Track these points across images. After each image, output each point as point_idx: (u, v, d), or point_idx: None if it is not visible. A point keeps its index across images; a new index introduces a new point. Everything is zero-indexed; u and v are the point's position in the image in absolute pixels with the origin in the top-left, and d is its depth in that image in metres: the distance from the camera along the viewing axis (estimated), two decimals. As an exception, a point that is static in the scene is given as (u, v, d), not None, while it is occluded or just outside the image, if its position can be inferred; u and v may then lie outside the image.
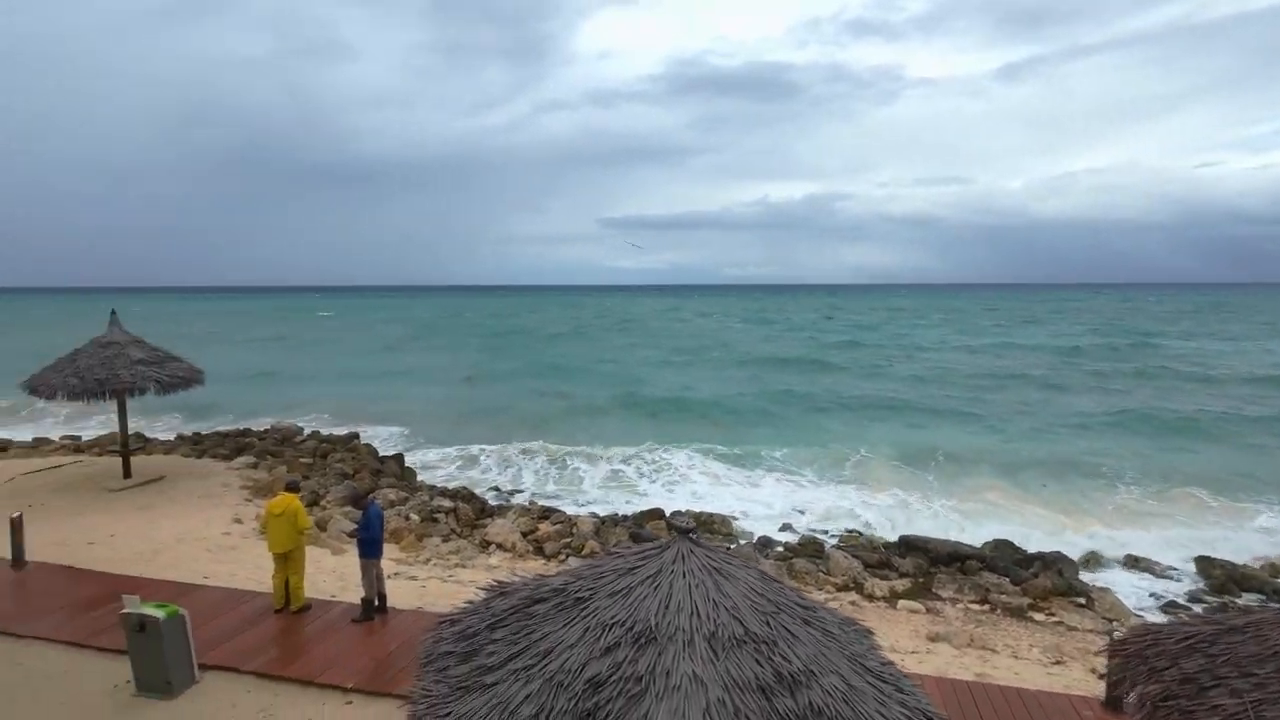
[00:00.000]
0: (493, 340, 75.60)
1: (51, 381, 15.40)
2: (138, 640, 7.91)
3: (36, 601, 10.32)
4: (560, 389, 40.71)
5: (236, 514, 15.40)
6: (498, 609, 4.25)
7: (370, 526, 9.84)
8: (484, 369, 50.26)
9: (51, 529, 13.40)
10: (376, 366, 51.76)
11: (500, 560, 15.08)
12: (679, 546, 4.09)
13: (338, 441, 23.64)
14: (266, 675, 8.40)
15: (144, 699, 7.95)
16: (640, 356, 58.17)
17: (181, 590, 10.52)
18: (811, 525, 18.36)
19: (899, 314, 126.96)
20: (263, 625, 9.64)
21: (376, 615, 9.89)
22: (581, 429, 29.64)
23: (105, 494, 16.09)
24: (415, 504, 17.61)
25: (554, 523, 17.05)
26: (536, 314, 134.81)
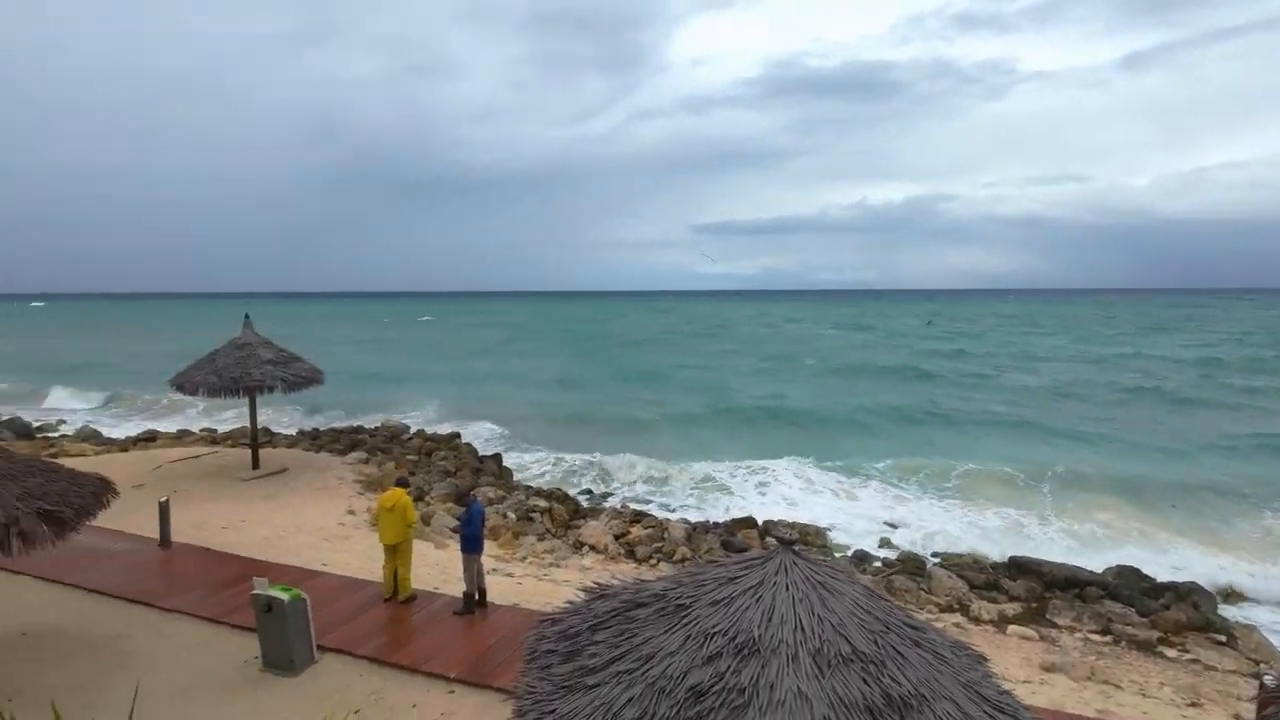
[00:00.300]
0: (585, 345, 76.97)
1: (194, 379, 16.97)
2: (265, 620, 8.55)
3: (179, 579, 11.35)
4: (651, 395, 40.93)
5: (350, 506, 16.38)
6: (599, 611, 4.32)
7: (472, 523, 10.22)
8: (577, 373, 51.23)
9: (191, 513, 14.70)
10: (476, 369, 53.81)
11: (593, 562, 15.31)
12: (781, 558, 4.02)
13: (441, 440, 24.75)
14: (377, 660, 8.89)
15: (270, 674, 8.58)
16: (731, 363, 57.65)
17: (303, 575, 11.29)
18: (911, 541, 17.60)
19: (1007, 320, 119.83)
20: (373, 612, 10.20)
21: (477, 609, 10.26)
22: (672, 435, 29.72)
23: (237, 483, 17.51)
24: (512, 503, 18.17)
25: (645, 527, 17.16)
26: (628, 319, 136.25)
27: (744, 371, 52.38)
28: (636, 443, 27.69)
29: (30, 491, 7.85)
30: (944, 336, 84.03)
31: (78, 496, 8.31)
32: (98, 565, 11.68)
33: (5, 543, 7.42)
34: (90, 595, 10.71)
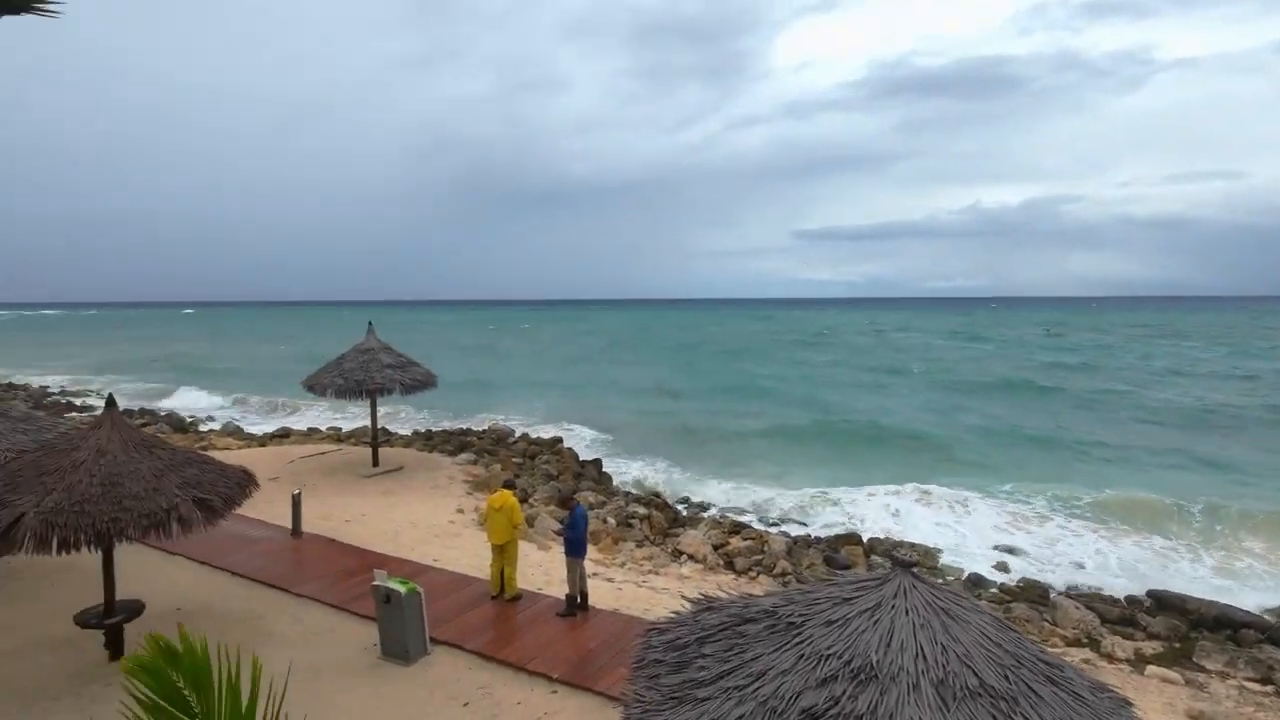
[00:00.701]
0: (684, 353, 76.94)
1: (323, 381, 18.31)
2: (384, 610, 9.06)
3: (309, 567, 12.23)
4: (751, 406, 40.38)
5: (459, 505, 17.11)
6: (707, 624, 4.28)
7: (576, 527, 10.43)
8: (676, 382, 51.30)
9: (319, 505, 15.81)
10: (577, 376, 55.00)
11: (691, 571, 15.24)
12: (900, 580, 3.84)
13: (544, 444, 25.46)
14: (485, 655, 9.21)
15: (387, 662, 9.08)
16: (834, 374, 55.90)
17: (417, 570, 11.89)
18: (1032, 566, 16.42)
19: (1144, 331, 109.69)
20: (481, 609, 10.59)
21: (579, 612, 10.44)
22: (772, 446, 29.18)
23: (358, 479, 18.70)
24: (612, 508, 18.40)
25: (745, 538, 16.92)
26: (728, 327, 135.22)
27: (848, 383, 50.65)
28: (736, 453, 27.42)
29: (187, 481, 8.70)
30: (1069, 348, 78.01)
31: (225, 487, 9.13)
32: (240, 550, 12.78)
33: (166, 526, 8.26)
34: (234, 578, 11.73)
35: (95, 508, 7.79)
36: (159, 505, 8.15)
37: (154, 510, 8.09)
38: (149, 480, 8.33)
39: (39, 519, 7.47)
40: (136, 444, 8.82)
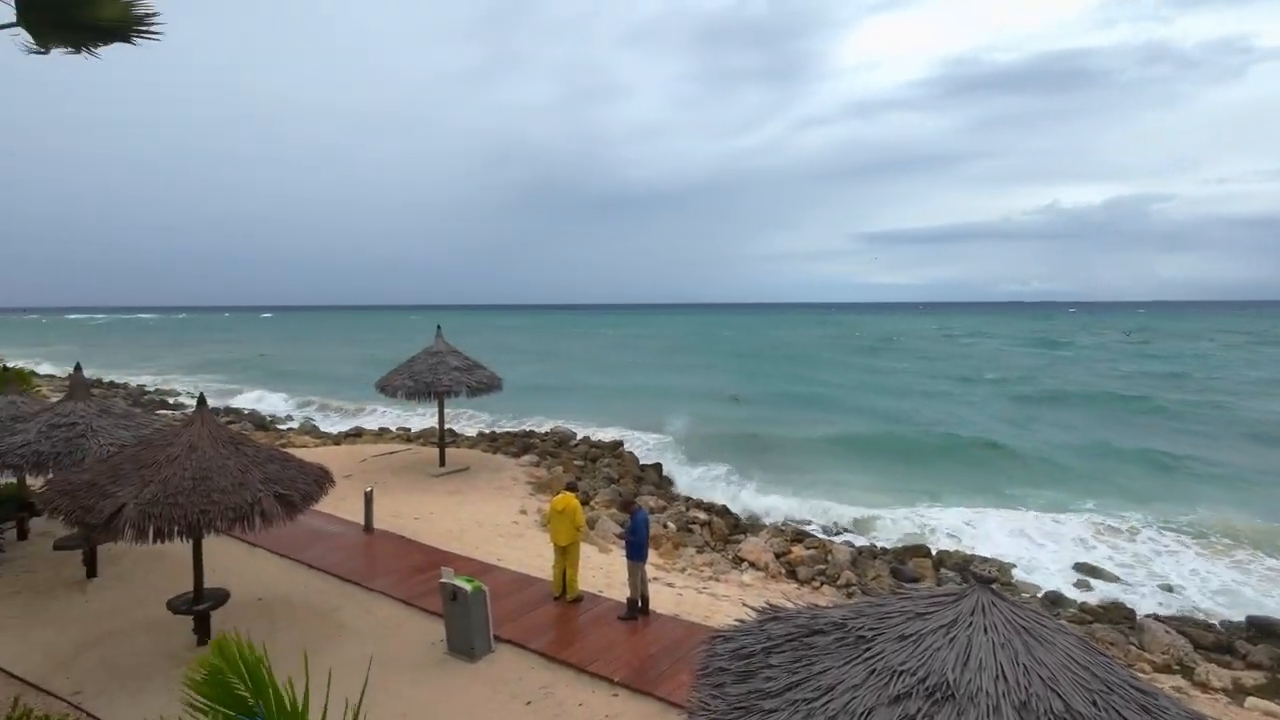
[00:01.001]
0: (746, 358, 76.15)
1: (394, 383, 18.95)
2: (451, 607, 9.28)
3: (380, 563, 12.65)
4: (814, 413, 39.64)
5: (523, 505, 17.39)
6: (773, 633, 4.21)
7: (637, 531, 10.45)
8: (738, 387, 50.83)
9: (389, 503, 16.33)
10: (638, 380, 55.16)
11: (753, 579, 15.05)
12: (979, 597, 3.69)
13: (605, 448, 25.64)
14: (547, 655, 9.32)
15: (453, 658, 9.29)
16: (902, 381, 54.24)
17: (482, 568, 12.14)
18: (1115, 587, 15.54)
19: (1244, 338, 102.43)
20: (544, 609, 10.72)
21: (640, 616, 10.45)
22: (835, 454, 28.55)
23: (426, 478, 19.24)
24: (672, 513, 18.36)
25: (808, 547, 16.61)
26: (790, 332, 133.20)
27: (915, 391, 49.01)
28: (798, 460, 26.95)
29: (270, 477, 9.13)
30: (1157, 356, 73.58)
31: (304, 483, 9.53)
32: (317, 545, 13.33)
33: (250, 519, 8.68)
34: (311, 570, 12.24)
35: (187, 500, 8.26)
36: (244, 499, 8.59)
37: (239, 504, 8.53)
38: (235, 475, 8.78)
39: (138, 509, 7.98)
40: (224, 441, 9.32)
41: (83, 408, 11.95)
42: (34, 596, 11.02)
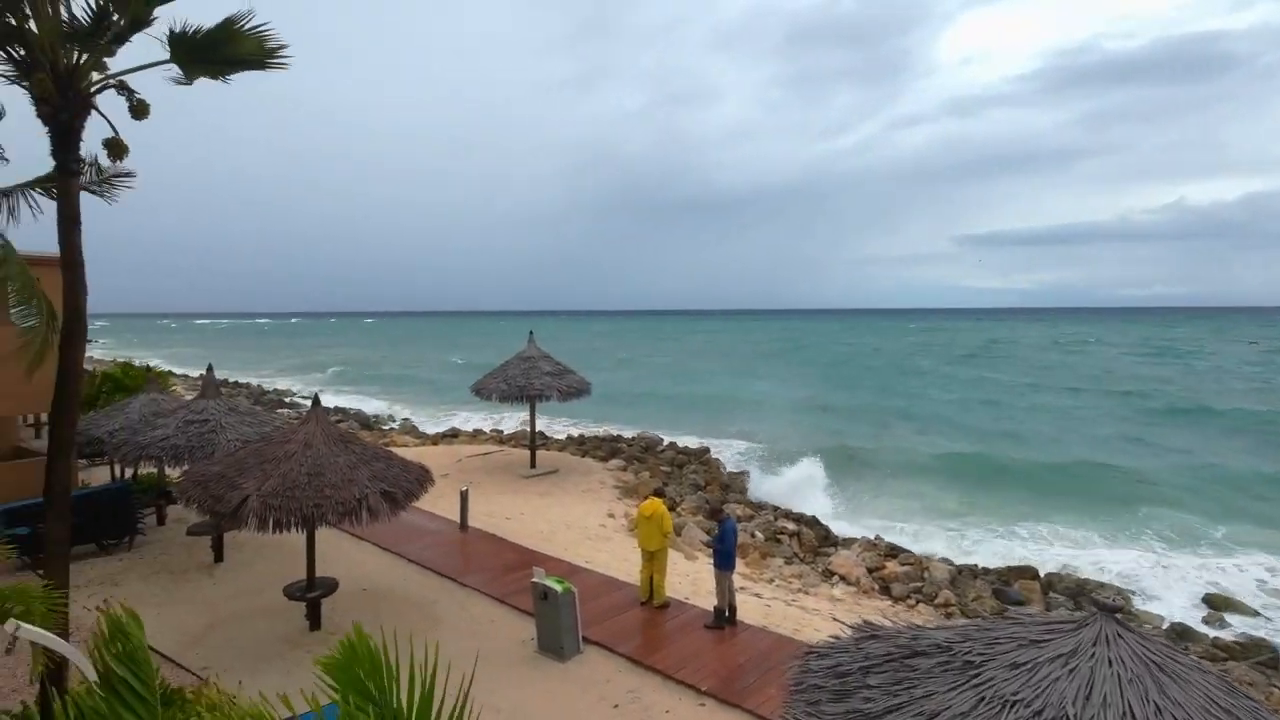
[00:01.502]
0: (838, 365, 74.12)
1: (489, 386, 19.64)
2: (541, 607, 9.49)
3: (474, 560, 13.10)
4: (909, 422, 38.16)
5: (610, 509, 17.59)
6: (871, 652, 4.07)
7: (725, 539, 10.35)
8: (828, 396, 49.55)
9: (483, 502, 16.89)
10: (724, 386, 54.78)
11: (843, 593, 14.62)
12: (1102, 626, 3.43)
13: (692, 454, 25.58)
14: (634, 660, 9.37)
15: (542, 657, 9.49)
16: (1006, 393, 51.06)
17: (570, 570, 12.35)
18: (1254, 622, 14.09)
19: None
20: (630, 613, 10.79)
21: (727, 625, 10.34)
22: (933, 465, 27.36)
23: (517, 479, 19.79)
24: (760, 523, 18.08)
25: (903, 563, 15.97)
26: (884, 338, 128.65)
27: (1019, 404, 45.94)
28: (893, 472, 25.98)
29: (376, 474, 9.64)
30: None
31: (407, 482, 10.01)
32: (416, 540, 13.96)
33: (357, 514, 9.19)
34: (411, 565, 12.83)
35: (303, 494, 8.84)
36: (353, 495, 9.10)
37: (349, 499, 9.05)
38: (345, 472, 9.33)
39: (260, 501, 8.62)
40: (335, 439, 9.92)
41: (213, 406, 13.03)
42: (170, 578, 12.07)
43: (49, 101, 6.61)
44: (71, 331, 6.91)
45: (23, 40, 6.45)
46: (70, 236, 6.81)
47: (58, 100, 6.63)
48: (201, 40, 7.04)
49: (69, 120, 6.75)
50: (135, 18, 6.71)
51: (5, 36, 6.41)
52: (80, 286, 6.90)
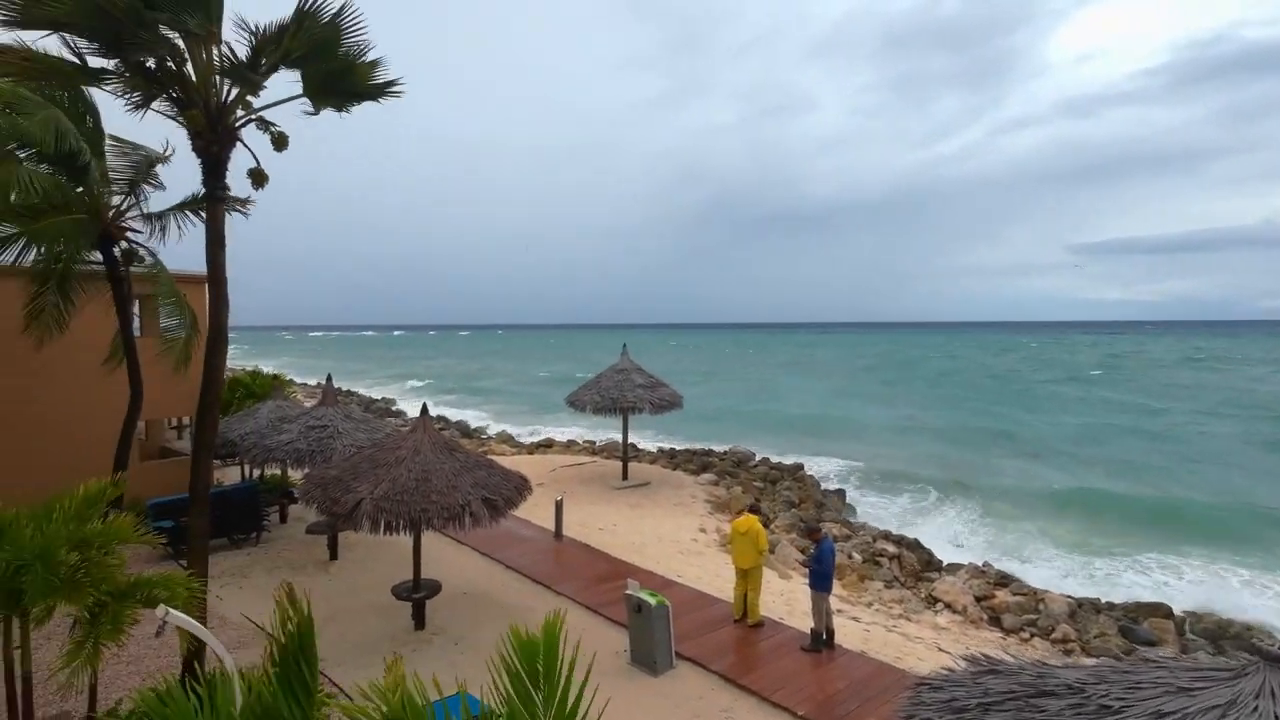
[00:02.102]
0: (941, 382, 70.63)
1: (584, 398, 19.99)
2: (635, 619, 9.51)
3: (568, 569, 13.30)
4: (1017, 441, 35.91)
5: (701, 524, 17.46)
6: (990, 688, 3.82)
7: (823, 560, 10.05)
8: (931, 412, 47.38)
9: (576, 512, 17.14)
10: (819, 402, 53.44)
11: (949, 621, 13.87)
12: (1266, 677, 3.08)
13: (785, 470, 25.06)
14: (728, 679, 9.21)
15: (636, 670, 9.49)
16: (1130, 417, 46.84)
17: (663, 583, 12.33)
18: None
19: None
20: (724, 631, 10.64)
21: (823, 648, 10.02)
22: (1045, 487, 25.57)
23: (609, 490, 19.99)
24: (857, 543, 17.47)
25: (1014, 593, 15.00)
26: (990, 353, 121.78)
27: (1144, 429, 41.73)
28: (1000, 493, 24.48)
29: (478, 482, 9.99)
30: None
31: (506, 490, 10.31)
32: (513, 547, 14.33)
33: (460, 519, 9.55)
34: (508, 570, 13.18)
35: (411, 499, 9.28)
36: (456, 501, 9.47)
37: (453, 505, 9.42)
38: (450, 479, 9.72)
39: (373, 504, 9.11)
40: (440, 446, 10.36)
41: (332, 413, 13.92)
42: (291, 572, 12.93)
43: (202, 135, 7.32)
44: (215, 342, 7.57)
45: (181, 82, 7.18)
46: (216, 256, 7.49)
47: (209, 134, 7.33)
48: (327, 75, 7.63)
49: (218, 152, 7.44)
50: (274, 63, 7.36)
51: (167, 78, 7.16)
52: (223, 302, 7.56)
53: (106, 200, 10.16)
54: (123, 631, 5.34)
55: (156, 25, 6.65)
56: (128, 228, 10.60)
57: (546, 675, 2.94)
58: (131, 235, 10.68)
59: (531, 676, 2.94)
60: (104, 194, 10.05)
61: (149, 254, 10.96)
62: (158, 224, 11.21)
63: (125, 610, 5.44)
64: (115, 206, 10.36)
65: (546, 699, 2.90)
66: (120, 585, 5.56)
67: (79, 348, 13.10)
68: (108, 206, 10.18)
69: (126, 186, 10.44)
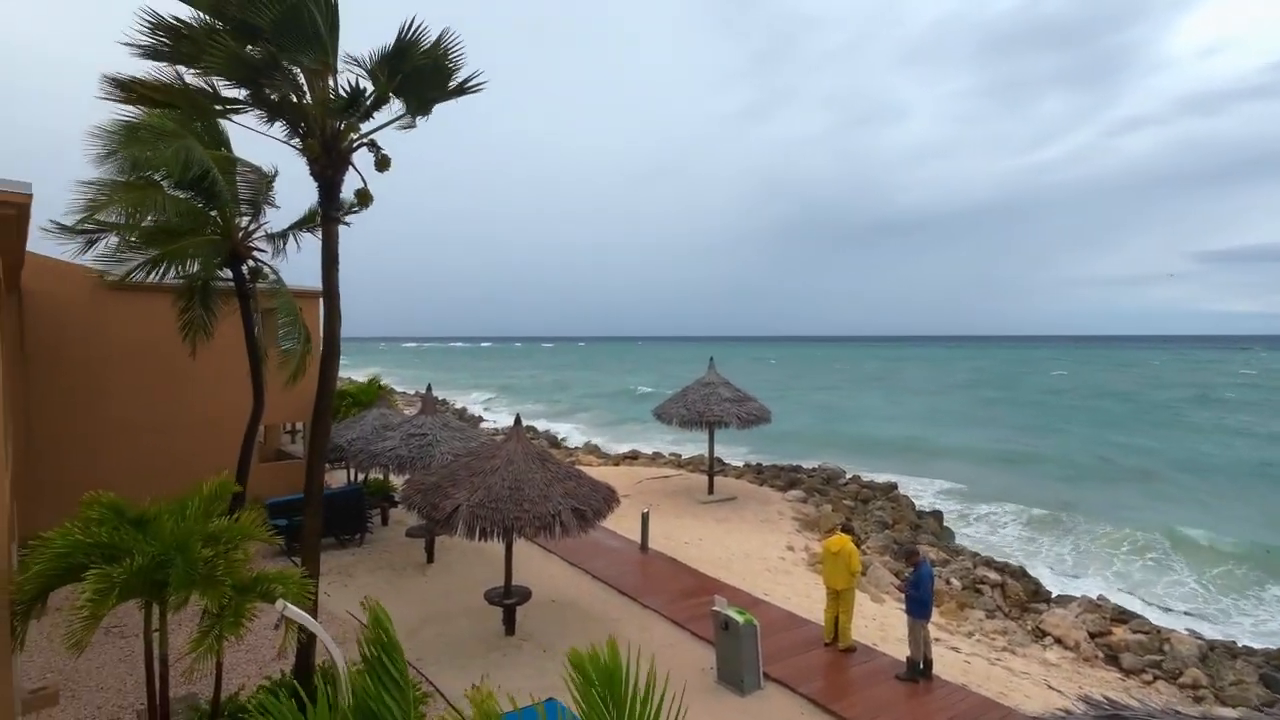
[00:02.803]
0: (1050, 399, 66.17)
1: (670, 411, 20.02)
2: (722, 637, 9.39)
3: (653, 582, 13.30)
4: (1136, 469, 33.15)
5: (789, 541, 17.07)
6: (1113, 734, 3.54)
7: (920, 585, 9.63)
8: (1037, 432, 44.52)
9: (661, 525, 17.14)
10: (915, 419, 51.34)
11: (1058, 657, 12.92)
12: None
13: (878, 489, 24.16)
14: (819, 704, 8.93)
15: (722, 688, 9.35)
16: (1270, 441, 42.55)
17: (750, 601, 12.12)
18: None
19: None
20: (813, 653, 10.34)
21: (920, 678, 9.57)
22: (1172, 525, 23.41)
23: (695, 504, 19.88)
24: (956, 569, 16.60)
25: (1135, 630, 13.81)
26: (1105, 370, 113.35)
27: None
28: (1117, 524, 22.67)
29: (568, 492, 10.17)
30: None
31: (595, 501, 10.44)
32: (600, 557, 14.48)
33: (551, 528, 9.74)
34: (594, 580, 13.32)
35: (504, 507, 9.56)
36: (547, 511, 9.67)
37: (544, 514, 9.63)
38: (541, 488, 9.94)
39: (469, 511, 9.44)
40: (533, 456, 10.62)
41: (431, 421, 14.55)
42: (392, 573, 13.56)
43: (318, 161, 7.86)
44: (328, 354, 8.08)
45: (300, 113, 7.75)
46: (330, 273, 8.00)
47: (324, 159, 7.86)
48: (425, 92, 8.02)
49: (332, 175, 7.97)
50: (381, 94, 7.84)
51: (287, 110, 7.75)
52: (336, 315, 8.07)
53: (236, 221, 11.08)
54: (243, 624, 5.74)
55: (282, 64, 7.23)
56: (254, 247, 11.51)
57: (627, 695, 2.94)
58: (257, 254, 11.59)
59: (615, 691, 2.96)
60: (235, 215, 10.97)
61: (272, 271, 11.84)
62: (280, 243, 12.13)
63: (247, 603, 5.85)
64: (243, 227, 11.28)
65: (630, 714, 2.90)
66: (243, 580, 6.00)
67: (212, 357, 14.33)
68: (237, 228, 11.10)
69: (249, 207, 11.34)
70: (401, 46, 7.52)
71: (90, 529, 5.82)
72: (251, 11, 6.68)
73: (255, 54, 6.96)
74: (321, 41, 7.23)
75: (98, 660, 9.70)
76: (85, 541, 5.70)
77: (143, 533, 5.94)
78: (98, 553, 5.65)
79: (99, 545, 5.69)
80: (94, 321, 14.38)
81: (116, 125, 9.28)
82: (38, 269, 13.04)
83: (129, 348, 14.67)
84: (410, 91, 8.00)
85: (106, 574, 5.31)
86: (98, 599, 5.15)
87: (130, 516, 6.13)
